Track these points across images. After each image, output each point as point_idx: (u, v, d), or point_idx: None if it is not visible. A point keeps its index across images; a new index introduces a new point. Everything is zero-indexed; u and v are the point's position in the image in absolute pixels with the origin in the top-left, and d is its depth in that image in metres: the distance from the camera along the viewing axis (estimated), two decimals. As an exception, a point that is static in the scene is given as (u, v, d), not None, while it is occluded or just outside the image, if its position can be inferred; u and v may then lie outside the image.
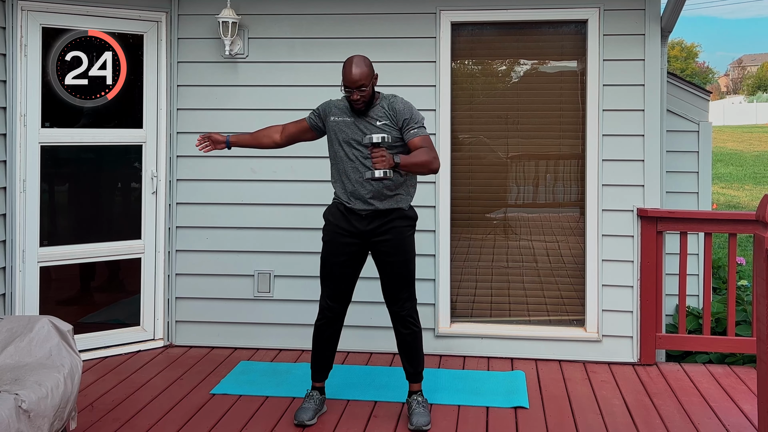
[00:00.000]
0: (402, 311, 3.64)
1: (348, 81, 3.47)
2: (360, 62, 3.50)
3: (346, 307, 3.73)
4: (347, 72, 3.48)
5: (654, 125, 4.64)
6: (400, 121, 3.53)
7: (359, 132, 3.56)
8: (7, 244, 4.45)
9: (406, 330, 3.66)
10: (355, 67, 3.47)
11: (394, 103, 3.57)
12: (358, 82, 3.45)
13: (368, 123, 3.56)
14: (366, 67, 3.50)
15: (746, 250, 9.12)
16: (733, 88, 67.99)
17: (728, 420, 3.75)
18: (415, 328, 3.68)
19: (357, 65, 3.48)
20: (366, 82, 3.47)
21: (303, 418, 3.64)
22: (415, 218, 3.75)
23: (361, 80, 3.46)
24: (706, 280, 4.64)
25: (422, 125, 3.56)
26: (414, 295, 3.69)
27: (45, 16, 4.54)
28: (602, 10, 4.67)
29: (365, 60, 3.53)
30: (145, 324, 4.90)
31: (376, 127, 3.54)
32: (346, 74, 3.48)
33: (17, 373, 3.04)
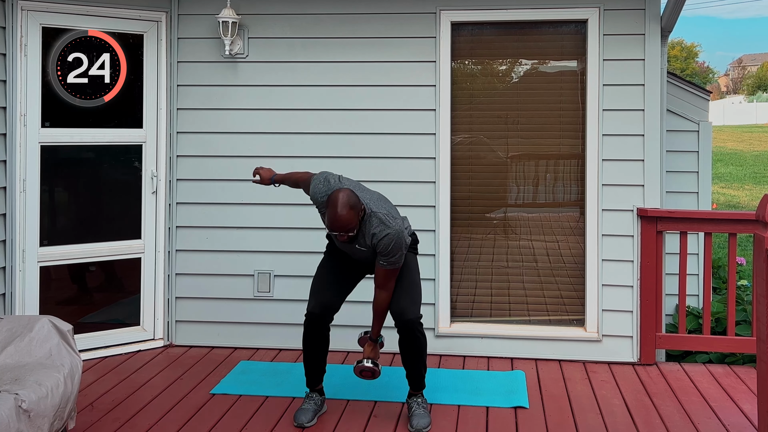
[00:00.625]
0: (408, 323, 3.57)
1: (334, 229, 3.32)
2: (345, 207, 3.28)
3: (334, 315, 3.72)
4: (333, 221, 3.29)
5: (654, 125, 4.64)
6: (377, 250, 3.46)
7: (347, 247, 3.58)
8: (7, 244, 4.45)
9: (412, 343, 3.61)
10: (341, 213, 3.27)
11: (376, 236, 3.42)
12: (345, 228, 3.32)
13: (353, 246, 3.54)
14: (351, 210, 3.29)
15: (746, 250, 9.12)
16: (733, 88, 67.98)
17: (728, 420, 3.75)
18: (419, 342, 3.62)
19: (342, 211, 3.27)
20: (353, 225, 3.32)
21: (302, 420, 3.64)
22: (417, 242, 3.78)
23: (347, 226, 3.31)
24: (706, 280, 4.63)
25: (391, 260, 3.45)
26: (419, 307, 3.64)
27: (45, 15, 4.54)
28: (602, 10, 4.67)
29: (350, 201, 3.30)
30: (145, 324, 4.90)
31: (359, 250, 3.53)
32: (332, 223, 3.30)
33: (17, 373, 3.04)
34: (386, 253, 3.42)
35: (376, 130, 4.83)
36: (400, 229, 3.42)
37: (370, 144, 4.83)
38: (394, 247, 3.41)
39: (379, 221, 3.42)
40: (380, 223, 3.41)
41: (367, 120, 4.83)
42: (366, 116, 4.84)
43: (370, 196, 3.52)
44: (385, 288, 3.55)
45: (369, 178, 4.48)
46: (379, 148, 4.82)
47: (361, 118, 4.84)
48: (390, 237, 3.39)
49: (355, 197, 3.34)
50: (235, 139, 4.91)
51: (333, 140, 4.83)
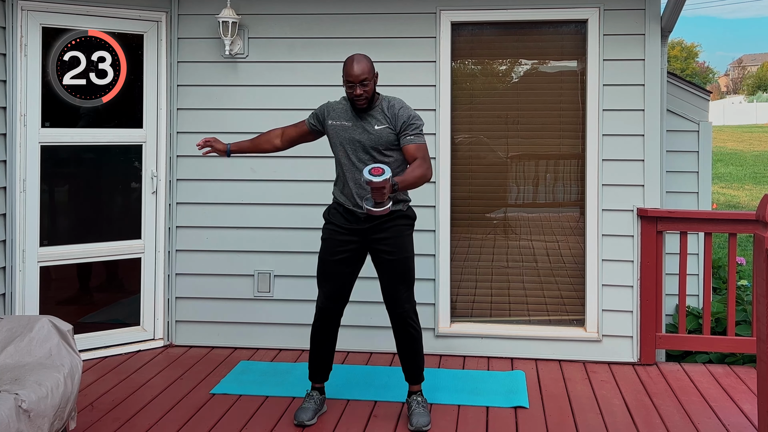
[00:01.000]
0: (401, 312, 3.61)
1: (350, 76, 3.46)
2: (362, 58, 3.52)
3: (343, 308, 3.72)
4: (349, 67, 3.48)
5: (654, 125, 4.64)
6: (398, 125, 3.52)
7: (358, 134, 3.55)
8: (7, 244, 4.45)
9: (406, 332, 3.64)
10: (357, 62, 3.48)
11: (394, 106, 3.56)
12: (361, 77, 3.45)
13: (367, 125, 3.55)
14: (368, 62, 3.51)
15: (746, 250, 9.12)
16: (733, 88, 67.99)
17: (728, 420, 3.75)
18: (414, 330, 3.66)
19: (359, 61, 3.49)
20: (369, 77, 3.47)
21: (303, 418, 3.64)
22: (414, 218, 3.74)
23: (363, 74, 3.45)
24: (706, 280, 4.64)
25: (419, 131, 3.54)
26: (413, 296, 3.67)
27: (45, 16, 4.54)
28: (602, 10, 4.67)
29: (367, 57, 3.55)
30: (145, 324, 4.90)
31: (374, 130, 3.52)
32: (348, 69, 3.47)
33: (17, 373, 3.04)
34: (410, 121, 3.52)
35: (376, 130, 4.82)
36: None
37: (370, 144, 4.82)
38: (414, 114, 3.56)
39: (394, 99, 3.61)
40: (395, 99, 3.61)
41: (367, 120, 4.83)
42: (366, 116, 4.83)
43: None
44: (426, 159, 3.52)
45: (369, 178, 4.48)
46: (379, 148, 4.81)
47: (361, 118, 4.83)
48: (408, 108, 3.58)
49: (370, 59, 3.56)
50: (235, 139, 4.89)
51: (333, 140, 4.82)
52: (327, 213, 3.74)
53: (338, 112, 3.64)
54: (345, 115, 3.61)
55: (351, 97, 3.52)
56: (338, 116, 3.62)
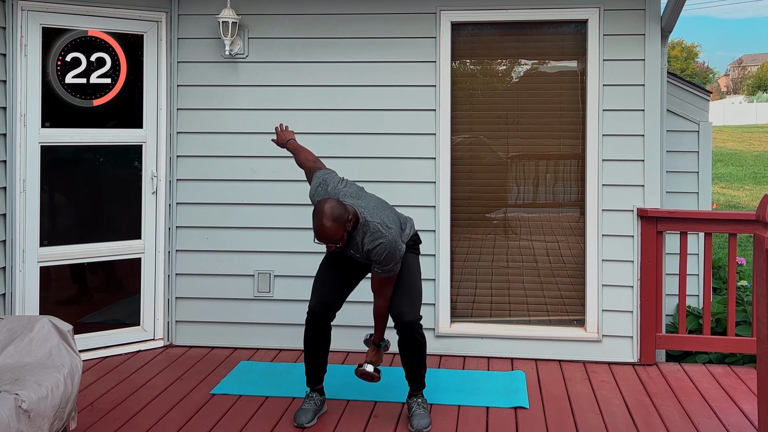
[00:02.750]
0: (407, 324, 3.56)
1: (319, 239, 3.30)
2: (329, 219, 3.25)
3: (335, 313, 3.72)
4: (317, 232, 3.28)
5: (654, 125, 4.64)
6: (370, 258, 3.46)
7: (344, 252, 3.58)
8: (7, 244, 4.45)
9: (411, 343, 3.60)
10: (323, 230, 3.25)
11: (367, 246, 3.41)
12: (330, 239, 3.29)
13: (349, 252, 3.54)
14: (335, 222, 3.25)
15: (746, 250, 9.12)
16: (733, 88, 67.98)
17: (728, 420, 3.75)
18: (419, 343, 3.61)
19: (326, 222, 3.24)
20: (338, 236, 3.29)
21: (302, 420, 3.64)
22: (419, 242, 3.77)
23: (332, 238, 3.29)
24: (706, 280, 4.63)
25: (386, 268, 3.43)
26: (419, 308, 3.63)
27: (45, 16, 4.54)
28: (602, 10, 4.67)
29: (334, 213, 3.26)
30: (145, 324, 4.90)
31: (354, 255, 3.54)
32: (316, 233, 3.28)
33: (17, 373, 3.04)
34: (380, 262, 3.42)
35: (376, 130, 4.83)
36: (394, 238, 3.40)
37: (370, 144, 4.83)
38: (388, 257, 3.40)
39: (372, 230, 3.39)
40: (373, 232, 3.39)
41: (367, 120, 4.83)
42: (366, 116, 4.84)
43: (366, 203, 3.49)
44: (382, 295, 3.56)
45: (369, 179, 4.49)
46: (379, 149, 4.82)
47: (361, 119, 4.84)
48: (383, 246, 3.37)
49: (340, 209, 3.28)
50: (235, 139, 4.91)
51: (333, 140, 4.83)
52: None
53: None
54: None
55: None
56: None
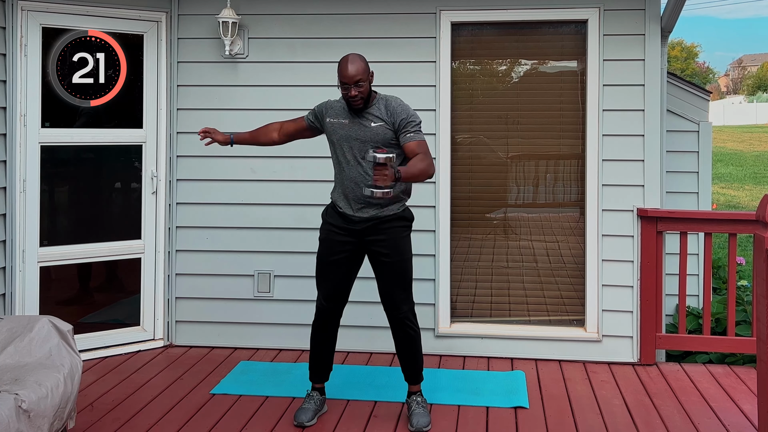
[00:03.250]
0: (399, 314, 3.60)
1: (345, 77, 3.44)
2: (356, 59, 3.48)
3: (342, 308, 3.72)
4: (343, 68, 3.45)
5: (654, 125, 4.64)
6: (397, 123, 3.51)
7: (355, 131, 3.54)
8: (7, 244, 4.45)
9: (405, 333, 3.63)
10: (351, 63, 3.45)
11: (391, 104, 3.55)
12: (355, 77, 3.43)
13: (364, 122, 3.53)
14: (362, 62, 3.48)
15: (746, 250, 9.12)
16: (733, 88, 68.00)
17: (728, 420, 3.75)
18: (412, 331, 3.64)
19: (353, 61, 3.46)
20: (363, 77, 3.45)
21: (302, 419, 3.64)
22: (411, 219, 3.72)
23: (357, 75, 3.43)
24: (706, 280, 4.64)
25: (418, 128, 3.53)
26: (411, 297, 3.65)
27: (45, 16, 4.54)
28: (602, 10, 4.67)
29: (361, 57, 3.52)
30: (145, 324, 4.90)
31: (371, 127, 3.51)
32: (342, 70, 3.45)
33: (17, 373, 3.04)
34: (408, 118, 3.51)
35: (376, 130, 4.82)
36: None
37: (370, 144, 4.82)
38: (413, 112, 3.54)
39: (392, 98, 3.59)
40: (394, 99, 3.59)
41: (367, 120, 4.83)
42: (366, 116, 4.83)
43: None
44: (427, 155, 3.48)
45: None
46: (379, 148, 4.82)
47: (361, 118, 4.83)
48: (406, 106, 3.56)
49: (365, 59, 3.53)
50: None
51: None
52: (324, 213, 3.74)
53: (336, 110, 3.64)
54: (343, 113, 3.60)
55: (346, 98, 3.51)
56: (336, 114, 3.62)
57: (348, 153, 3.56)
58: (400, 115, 3.51)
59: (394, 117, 3.51)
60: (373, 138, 3.51)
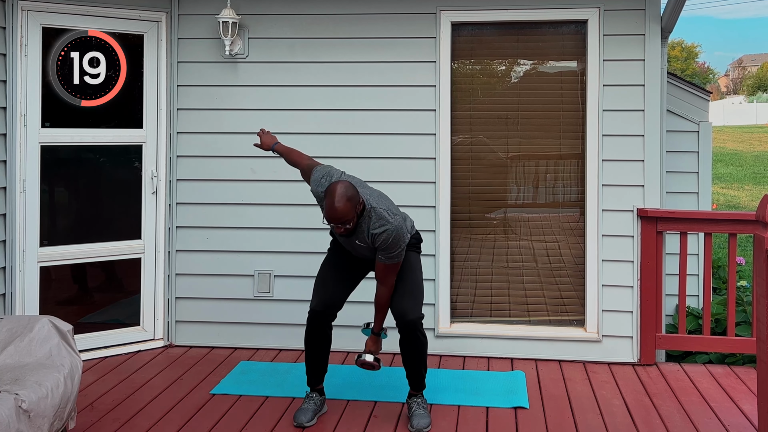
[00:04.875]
0: (409, 323, 3.56)
1: (330, 219, 3.31)
2: (341, 199, 3.27)
3: (336, 314, 3.72)
4: (330, 210, 3.29)
5: (654, 125, 4.64)
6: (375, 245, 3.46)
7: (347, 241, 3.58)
8: (7, 244, 4.45)
9: (413, 342, 3.60)
10: (336, 209, 3.27)
11: (374, 230, 3.43)
12: (342, 219, 3.31)
13: (354, 240, 3.53)
14: (348, 204, 3.29)
15: (746, 250, 9.12)
16: (733, 89, 68.00)
17: (728, 420, 3.75)
18: (420, 343, 3.62)
19: (338, 205, 3.26)
20: (350, 217, 3.32)
21: (302, 420, 3.64)
22: (421, 241, 3.78)
23: (344, 218, 3.30)
24: (706, 280, 4.63)
25: (390, 256, 3.45)
26: (421, 308, 3.63)
27: (45, 16, 4.54)
28: (602, 10, 4.67)
29: (348, 197, 3.29)
30: (145, 324, 4.90)
31: (357, 244, 3.52)
32: (329, 212, 3.30)
33: (17, 373, 3.04)
34: (385, 248, 3.43)
35: (376, 130, 4.83)
36: (399, 224, 3.43)
37: (370, 144, 4.83)
38: (393, 242, 3.42)
39: (378, 216, 3.43)
40: (379, 218, 3.42)
41: (367, 120, 4.84)
42: (366, 116, 4.84)
43: (370, 192, 3.54)
44: (385, 283, 3.56)
45: (369, 178, 4.47)
46: (379, 149, 4.82)
47: (361, 119, 4.84)
48: (389, 232, 3.40)
49: (353, 190, 3.33)
50: (235, 140, 4.91)
51: (333, 140, 4.83)
52: (331, 231, 3.76)
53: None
54: None
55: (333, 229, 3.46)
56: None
57: (344, 243, 3.64)
58: (378, 243, 3.44)
59: (374, 243, 3.46)
60: (361, 251, 3.58)
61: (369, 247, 3.51)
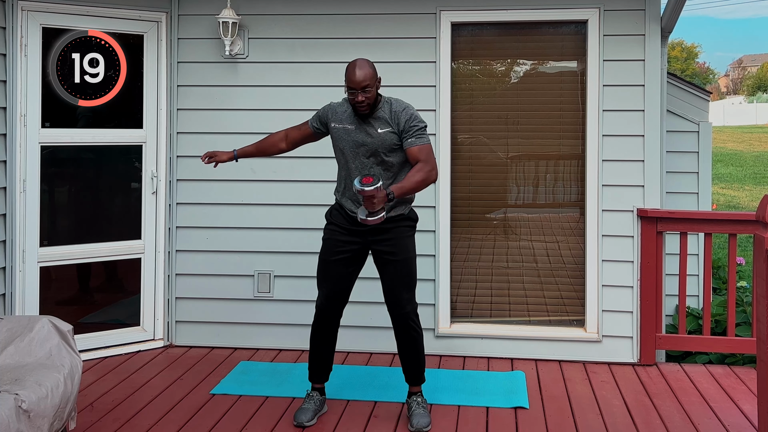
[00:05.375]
0: (403, 313, 3.59)
1: (352, 83, 3.43)
2: (364, 64, 3.47)
3: (342, 308, 3.72)
4: (351, 73, 3.44)
5: (654, 125, 4.64)
6: (401, 127, 3.51)
7: (362, 137, 3.54)
8: (7, 244, 4.45)
9: (407, 333, 3.63)
10: (359, 69, 3.44)
11: (394, 108, 3.54)
12: (363, 83, 3.42)
13: (370, 128, 3.53)
14: (370, 68, 3.48)
15: (746, 250, 9.12)
16: (733, 89, 68.01)
17: (728, 420, 3.75)
18: (415, 332, 3.64)
19: (361, 67, 3.45)
20: (371, 83, 3.44)
21: (302, 420, 3.64)
22: (416, 220, 3.74)
23: (365, 81, 3.43)
24: (706, 281, 4.64)
25: (420, 133, 3.52)
26: (414, 298, 3.66)
27: (45, 16, 4.54)
28: (602, 11, 4.67)
29: (369, 62, 3.51)
30: (145, 324, 4.90)
31: (377, 134, 3.51)
32: (350, 76, 3.44)
33: (17, 373, 3.04)
34: (411, 122, 3.50)
35: (376, 130, 4.83)
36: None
37: (370, 144, 4.82)
38: (416, 116, 3.54)
39: (396, 101, 3.58)
40: (397, 101, 3.58)
41: (367, 120, 4.83)
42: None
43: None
44: (428, 161, 3.49)
45: (369, 179, 4.49)
46: (379, 149, 4.82)
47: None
48: (410, 109, 3.55)
49: (373, 64, 3.52)
50: (235, 140, 4.88)
51: (333, 140, 4.83)
52: (329, 213, 3.74)
53: (340, 115, 3.63)
54: (348, 118, 3.59)
55: (353, 103, 3.50)
56: (341, 119, 3.61)
57: (355, 159, 3.56)
58: (403, 119, 3.51)
59: (399, 122, 3.51)
60: (380, 144, 3.52)
61: (389, 131, 3.50)
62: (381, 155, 3.53)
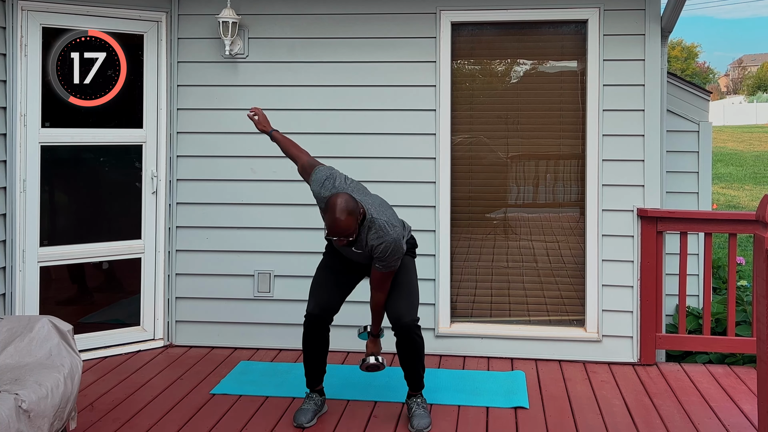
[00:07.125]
0: (404, 326, 3.56)
1: (332, 233, 3.27)
2: (343, 213, 3.23)
3: (333, 316, 3.72)
4: (330, 224, 3.25)
5: (654, 125, 4.64)
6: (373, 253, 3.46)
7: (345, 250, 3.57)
8: (7, 244, 4.45)
9: (409, 343, 3.60)
10: (338, 223, 3.23)
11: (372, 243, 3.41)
12: (344, 234, 3.27)
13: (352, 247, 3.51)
14: (350, 216, 3.25)
15: (746, 250, 9.12)
16: (733, 89, 68.01)
17: (728, 420, 3.75)
18: (416, 343, 3.62)
19: (341, 216, 3.22)
20: (351, 230, 3.28)
21: (302, 420, 3.64)
22: (415, 246, 3.78)
23: (346, 232, 3.27)
24: (706, 280, 4.63)
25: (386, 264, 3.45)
26: (416, 311, 3.63)
27: (45, 16, 4.54)
28: (602, 10, 4.67)
29: (348, 206, 3.25)
30: (145, 324, 4.90)
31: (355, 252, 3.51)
32: (331, 228, 3.25)
33: (17, 373, 3.04)
34: (383, 259, 3.44)
35: (376, 130, 4.83)
36: (398, 237, 3.43)
37: (370, 144, 4.83)
38: (391, 254, 3.43)
39: (378, 227, 3.40)
40: (379, 229, 3.40)
41: (368, 120, 4.84)
42: (366, 116, 4.84)
43: (372, 200, 3.50)
44: (381, 290, 3.58)
45: (369, 179, 4.48)
46: (379, 149, 4.82)
47: (361, 119, 4.84)
48: (387, 244, 3.39)
49: (354, 202, 3.29)
50: (235, 139, 4.91)
51: (333, 140, 4.83)
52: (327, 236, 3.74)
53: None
54: None
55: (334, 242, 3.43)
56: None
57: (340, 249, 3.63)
58: (376, 253, 3.43)
59: (373, 252, 3.45)
60: (358, 258, 3.58)
61: (366, 255, 3.50)
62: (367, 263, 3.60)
